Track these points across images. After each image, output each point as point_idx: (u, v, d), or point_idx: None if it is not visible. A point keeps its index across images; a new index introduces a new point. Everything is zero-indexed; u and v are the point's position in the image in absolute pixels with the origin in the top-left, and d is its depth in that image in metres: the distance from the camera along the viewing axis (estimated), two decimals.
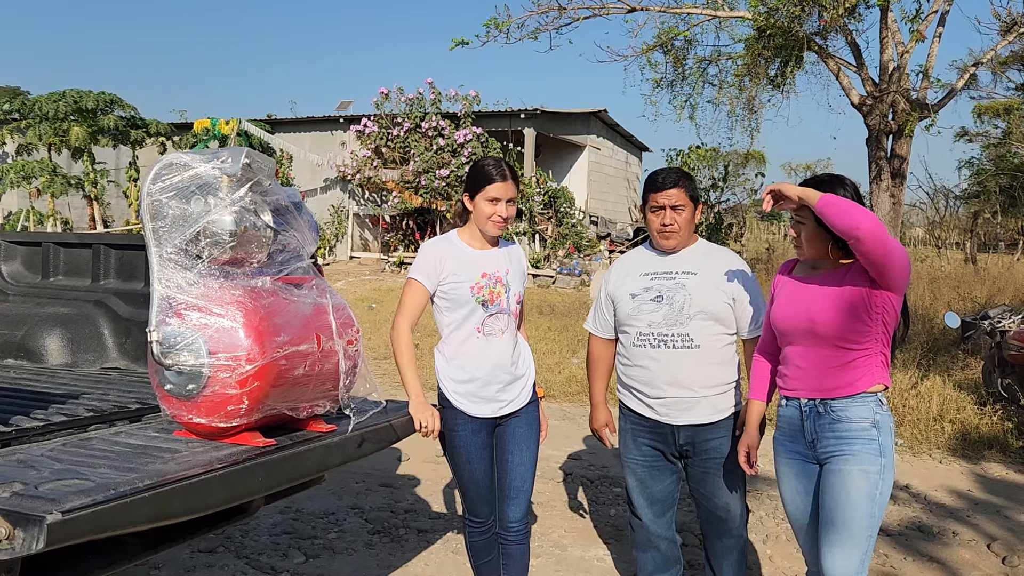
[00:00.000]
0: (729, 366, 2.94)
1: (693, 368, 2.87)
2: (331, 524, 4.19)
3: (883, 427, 2.51)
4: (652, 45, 17.78)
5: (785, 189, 2.48)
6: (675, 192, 2.85)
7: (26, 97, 22.21)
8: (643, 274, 2.95)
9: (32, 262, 3.74)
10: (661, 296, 2.88)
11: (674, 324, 2.86)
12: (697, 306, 2.85)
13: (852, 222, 2.32)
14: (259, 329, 2.04)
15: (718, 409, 2.91)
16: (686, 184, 2.88)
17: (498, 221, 2.86)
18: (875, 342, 2.50)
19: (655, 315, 2.88)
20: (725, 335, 2.90)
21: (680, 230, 2.88)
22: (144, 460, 1.93)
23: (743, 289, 2.90)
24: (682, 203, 2.87)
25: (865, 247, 2.34)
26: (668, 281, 2.90)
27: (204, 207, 2.05)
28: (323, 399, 2.27)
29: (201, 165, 2.04)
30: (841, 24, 15.69)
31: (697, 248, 2.99)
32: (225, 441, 2.11)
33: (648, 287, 2.92)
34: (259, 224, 2.12)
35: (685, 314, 2.85)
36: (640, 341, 2.92)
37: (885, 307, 2.48)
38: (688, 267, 2.91)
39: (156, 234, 2.05)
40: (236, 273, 2.11)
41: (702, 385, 2.88)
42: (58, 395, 2.65)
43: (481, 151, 18.56)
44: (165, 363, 2.01)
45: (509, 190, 2.85)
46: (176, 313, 2.03)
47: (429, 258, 2.86)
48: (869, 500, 2.46)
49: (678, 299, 2.86)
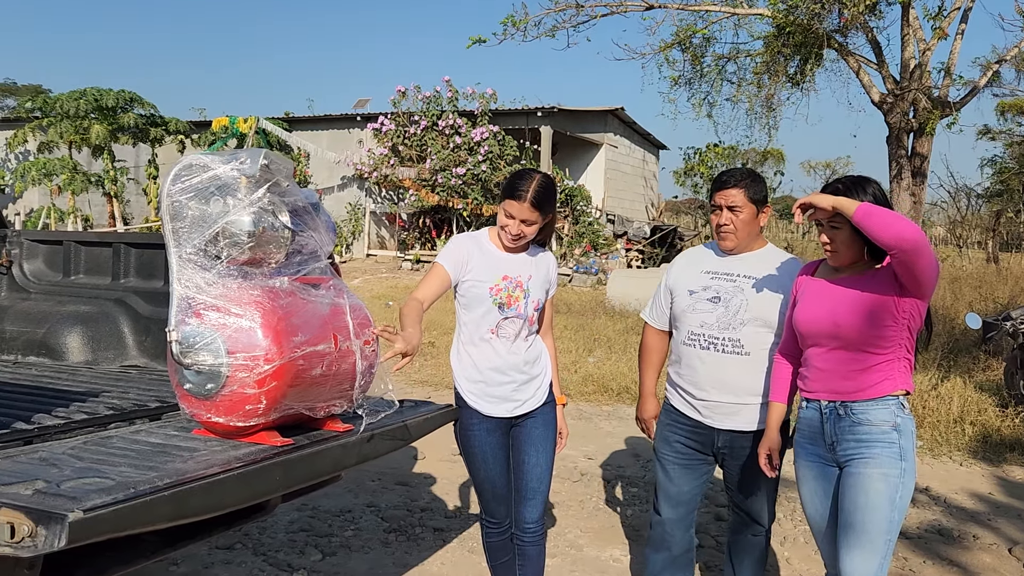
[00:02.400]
0: (767, 375, 2.85)
1: (741, 374, 2.83)
2: (347, 522, 4.21)
3: (904, 431, 2.49)
4: (670, 43, 17.72)
5: (817, 200, 2.45)
6: (734, 192, 2.81)
7: (48, 95, 22.43)
8: (704, 271, 2.93)
9: (53, 260, 3.78)
10: (719, 297, 2.85)
11: (727, 328, 2.82)
12: (752, 312, 2.79)
13: (897, 234, 2.29)
14: (277, 329, 2.05)
15: (763, 418, 2.83)
16: (748, 185, 2.82)
17: (507, 236, 2.84)
18: (899, 347, 2.49)
19: (709, 316, 2.85)
20: (771, 343, 2.83)
21: (736, 231, 2.83)
22: (164, 459, 1.95)
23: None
24: (740, 204, 2.82)
25: (909, 258, 2.32)
26: (728, 283, 2.86)
27: (223, 208, 2.07)
28: (340, 399, 2.28)
29: (220, 166, 2.06)
30: (862, 21, 15.57)
31: (763, 252, 2.92)
32: (243, 440, 2.12)
33: (707, 286, 2.89)
34: (277, 225, 2.13)
35: (739, 319, 2.81)
36: (691, 340, 2.90)
37: (912, 313, 2.46)
38: (750, 271, 2.86)
39: (176, 235, 2.07)
40: (254, 273, 2.13)
41: (748, 392, 2.84)
42: (79, 393, 2.68)
43: (498, 149, 18.58)
44: (184, 363, 2.03)
45: (524, 212, 2.78)
46: (195, 313, 2.04)
47: (458, 250, 2.86)
48: (889, 504, 2.44)
49: (735, 302, 2.82)
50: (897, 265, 2.37)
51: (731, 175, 2.86)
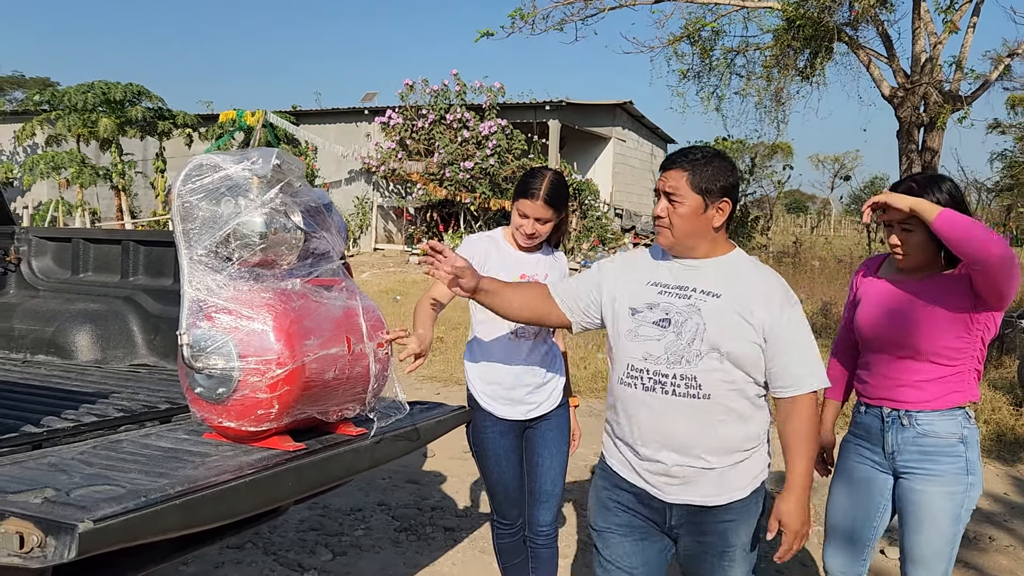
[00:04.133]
0: (751, 426, 2.16)
1: (697, 425, 2.12)
2: (358, 521, 4.18)
3: (971, 442, 2.42)
4: (679, 36, 17.61)
5: (894, 200, 2.31)
6: (673, 176, 2.13)
7: (56, 88, 22.45)
8: (652, 283, 2.20)
9: (62, 258, 3.75)
10: (668, 319, 2.12)
11: (678, 361, 2.10)
12: (712, 340, 2.08)
13: (981, 248, 2.19)
14: (289, 332, 2.01)
15: (731, 487, 2.16)
16: (693, 169, 2.10)
17: (522, 235, 2.82)
18: (971, 358, 2.40)
19: (655, 345, 2.12)
20: (750, 384, 2.13)
21: (671, 227, 2.14)
22: (174, 464, 1.91)
23: (782, 328, 2.10)
24: (679, 192, 2.10)
25: (992, 273, 2.23)
26: (680, 300, 2.14)
27: (234, 209, 2.03)
28: (353, 402, 2.24)
29: (231, 166, 2.02)
30: (872, 15, 15.45)
31: (728, 261, 2.19)
32: (255, 445, 2.09)
33: (654, 303, 2.16)
34: (289, 226, 2.10)
35: (694, 350, 2.09)
36: (631, 379, 2.16)
37: (987, 324, 2.38)
38: (711, 284, 2.14)
39: (186, 236, 2.03)
40: (266, 275, 2.09)
41: (709, 451, 2.13)
42: (88, 394, 2.65)
43: (506, 143, 18.51)
44: (195, 366, 2.00)
45: (538, 210, 2.76)
46: (206, 316, 2.01)
47: (475, 249, 2.83)
48: (954, 521, 2.40)
49: (689, 327, 2.10)
50: (980, 279, 2.27)
51: (678, 154, 2.18)
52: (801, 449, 2.14)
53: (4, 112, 24.61)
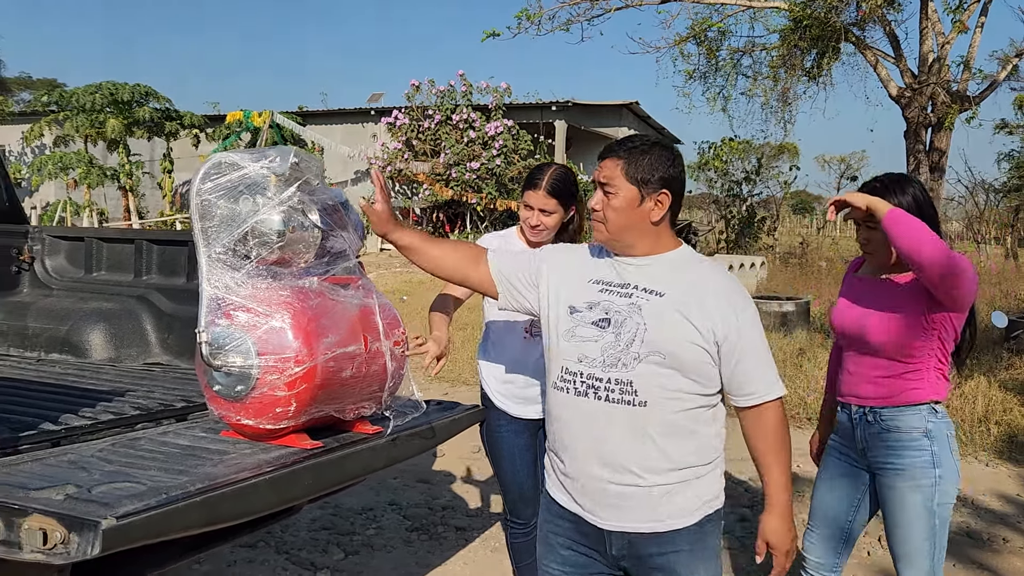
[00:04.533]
0: (697, 441, 1.94)
1: (632, 437, 1.90)
2: (369, 520, 4.19)
3: (937, 436, 2.42)
4: (685, 36, 17.62)
5: (852, 199, 2.35)
6: (608, 165, 1.97)
7: (64, 89, 22.53)
8: (594, 280, 2.02)
9: (75, 257, 3.76)
10: (608, 319, 1.94)
11: (614, 364, 1.91)
12: (651, 343, 1.89)
13: (914, 246, 2.20)
14: (307, 330, 2.01)
15: (673, 511, 1.92)
16: (629, 158, 1.94)
17: (529, 228, 2.82)
18: (929, 357, 2.42)
19: (592, 347, 1.94)
20: (695, 395, 1.92)
21: (605, 221, 1.97)
22: (193, 462, 1.92)
23: (737, 330, 1.91)
24: (613, 183, 1.94)
25: (923, 273, 2.25)
26: (622, 299, 1.96)
27: (252, 207, 2.03)
28: (369, 401, 2.25)
29: (250, 164, 2.02)
30: (879, 15, 15.43)
31: (674, 258, 2.00)
32: (272, 443, 2.09)
33: (594, 303, 1.98)
34: (307, 224, 2.10)
35: (632, 352, 1.90)
36: (564, 383, 1.98)
37: (944, 324, 2.39)
38: (654, 282, 1.96)
39: (205, 234, 2.03)
40: (283, 274, 2.09)
41: (644, 466, 1.91)
42: (104, 392, 2.66)
43: (512, 143, 18.53)
44: (214, 364, 2.00)
45: (541, 200, 2.76)
46: (225, 314, 2.01)
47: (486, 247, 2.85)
48: (926, 513, 2.40)
49: (628, 328, 1.91)
50: (919, 277, 2.29)
51: (616, 143, 2.00)
52: (775, 461, 1.96)
53: (12, 113, 24.72)
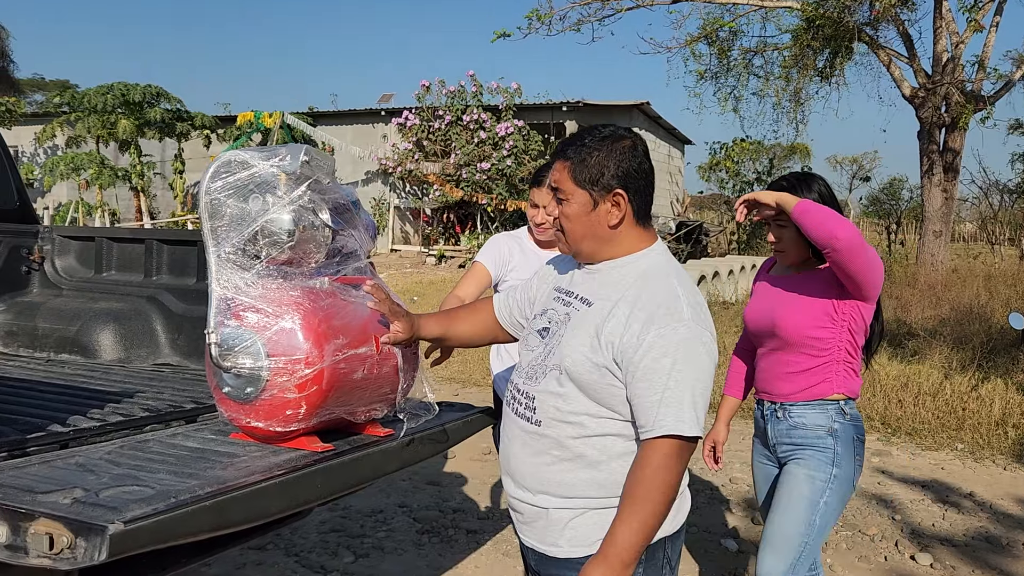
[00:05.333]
0: (598, 474, 1.73)
1: (529, 456, 1.80)
2: (379, 523, 4.16)
3: (842, 436, 2.44)
4: (696, 36, 17.56)
5: (761, 196, 2.39)
6: (556, 169, 1.81)
7: (76, 90, 22.62)
8: (555, 288, 1.94)
9: (85, 257, 3.74)
10: (548, 329, 1.85)
11: (532, 377, 1.83)
12: (557, 356, 1.77)
13: (828, 231, 2.24)
14: (318, 332, 1.98)
15: (574, 539, 1.76)
16: (574, 159, 1.76)
17: (536, 227, 2.78)
18: (839, 350, 2.45)
19: (527, 358, 1.89)
20: (602, 420, 1.73)
21: (564, 231, 1.82)
22: (203, 465, 1.89)
23: (638, 347, 1.66)
24: (563, 188, 1.78)
25: (840, 257, 2.26)
26: (563, 307, 1.85)
27: (262, 206, 2.00)
28: (381, 403, 2.21)
29: (259, 163, 1.99)
30: (893, 14, 15.33)
31: (623, 263, 1.80)
32: (282, 445, 2.06)
33: (545, 310, 1.91)
34: (317, 223, 2.06)
35: (545, 365, 1.80)
36: (509, 389, 1.94)
37: (853, 315, 2.41)
38: (590, 290, 1.81)
39: (214, 233, 2.00)
40: (294, 274, 2.06)
41: (539, 488, 1.79)
42: (113, 393, 2.63)
43: (522, 144, 18.50)
44: (223, 366, 1.97)
45: (547, 198, 2.70)
46: (234, 315, 1.98)
47: (499, 248, 2.84)
48: (810, 506, 2.40)
49: (555, 339, 1.81)
50: (833, 265, 2.31)
51: (565, 141, 1.84)
52: (630, 509, 1.64)
53: (25, 114, 24.83)
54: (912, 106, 15.56)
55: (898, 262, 16.48)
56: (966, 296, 11.15)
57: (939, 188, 15.35)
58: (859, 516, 4.47)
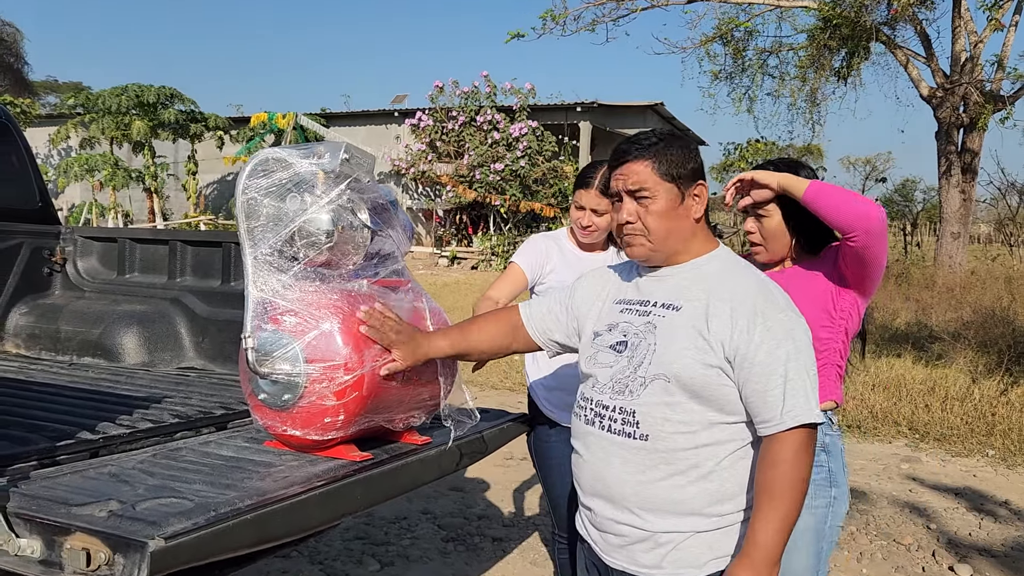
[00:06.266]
0: (711, 484, 1.69)
1: (633, 473, 1.71)
2: (404, 530, 4.08)
3: (832, 451, 2.19)
4: (711, 36, 17.47)
5: (760, 176, 2.12)
6: (637, 169, 1.75)
7: (90, 92, 22.67)
8: (618, 301, 1.87)
9: (108, 258, 3.68)
10: (625, 342, 1.77)
11: (621, 391, 1.74)
12: (659, 364, 1.70)
13: (859, 211, 1.99)
14: (357, 336, 1.90)
15: (679, 561, 1.70)
16: (653, 155, 1.75)
17: (580, 229, 2.70)
18: (832, 352, 2.19)
19: (605, 372, 1.79)
20: (713, 425, 1.69)
21: (648, 232, 1.75)
22: (240, 475, 1.81)
23: (749, 343, 1.66)
24: (647, 186, 1.74)
25: (869, 240, 2.01)
26: (640, 318, 1.78)
27: (300, 205, 1.93)
28: (419, 409, 2.13)
29: (298, 161, 1.92)
30: (911, 13, 15.19)
31: (701, 264, 1.79)
32: (320, 454, 1.98)
33: (614, 324, 1.82)
34: (356, 224, 1.99)
35: (639, 377, 1.72)
36: (579, 408, 1.86)
37: (850, 313, 2.17)
38: (673, 295, 1.76)
39: (251, 234, 1.93)
40: (332, 276, 1.99)
41: (645, 507, 1.71)
42: (140, 398, 2.57)
43: (536, 145, 18.42)
44: (260, 371, 1.89)
45: (593, 200, 2.63)
46: (271, 318, 1.90)
47: (536, 249, 2.75)
48: (815, 537, 2.14)
49: (640, 350, 1.74)
50: (850, 252, 2.05)
51: (627, 144, 1.79)
52: (770, 507, 1.62)
53: (39, 116, 24.91)
54: (930, 106, 15.42)
55: (915, 264, 16.31)
56: (987, 298, 11.01)
57: (957, 189, 15.21)
58: (892, 525, 4.37)
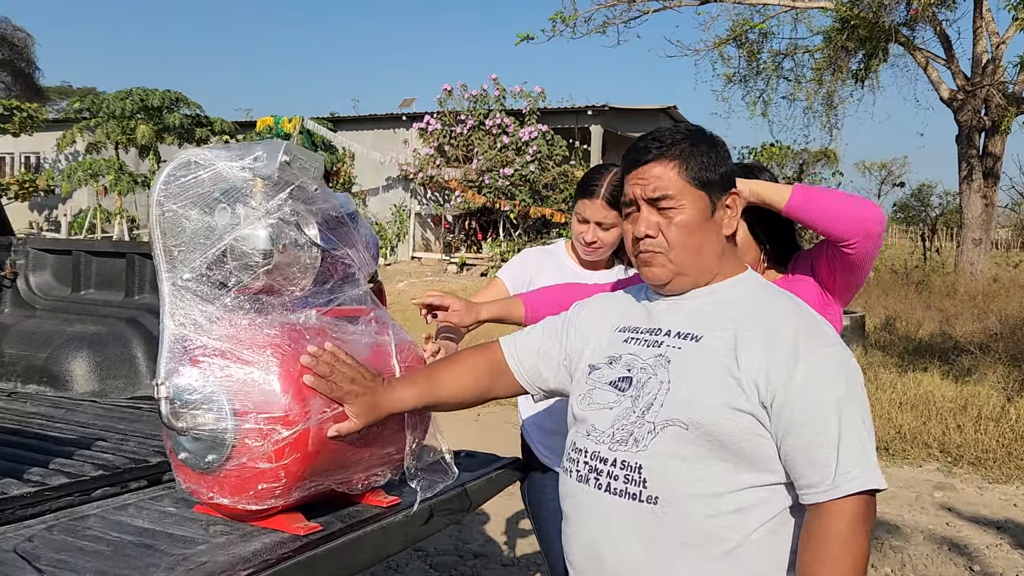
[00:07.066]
0: (732, 559, 1.34)
1: (640, 547, 1.37)
2: (392, 570, 3.71)
3: None
4: (725, 38, 17.13)
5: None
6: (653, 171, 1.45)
7: (95, 96, 22.47)
8: (621, 328, 1.55)
9: (62, 273, 3.33)
10: (629, 378, 1.45)
11: (624, 440, 1.40)
12: (673, 406, 1.37)
13: (860, 214, 1.73)
14: (301, 381, 1.53)
15: None
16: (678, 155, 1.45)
17: (581, 245, 2.32)
18: None
19: (604, 416, 1.45)
20: (740, 489, 1.35)
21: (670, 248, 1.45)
22: (146, 560, 1.44)
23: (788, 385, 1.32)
24: (671, 193, 1.44)
25: (869, 245, 1.76)
26: (649, 349, 1.46)
27: (231, 219, 1.56)
28: (384, 466, 1.76)
29: (225, 163, 1.55)
30: (931, 14, 14.79)
31: (729, 287, 1.49)
32: (258, 524, 1.61)
33: (616, 356, 1.50)
34: (302, 241, 1.62)
35: (647, 423, 1.38)
36: (569, 461, 1.51)
37: (837, 323, 1.89)
38: (691, 323, 1.44)
39: (168, 255, 1.56)
40: (272, 305, 1.61)
41: None
42: (67, 442, 2.20)
43: (546, 149, 18.05)
44: (176, 426, 1.53)
45: (599, 212, 2.25)
46: (192, 360, 1.54)
47: (524, 264, 2.36)
48: None
49: (649, 389, 1.41)
50: (843, 260, 1.79)
51: (647, 141, 1.49)
52: None
53: (47, 120, 24.74)
54: (950, 109, 15.01)
55: (935, 271, 15.86)
56: (1012, 307, 10.57)
57: (978, 194, 14.79)
58: (931, 565, 3.96)
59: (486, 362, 1.69)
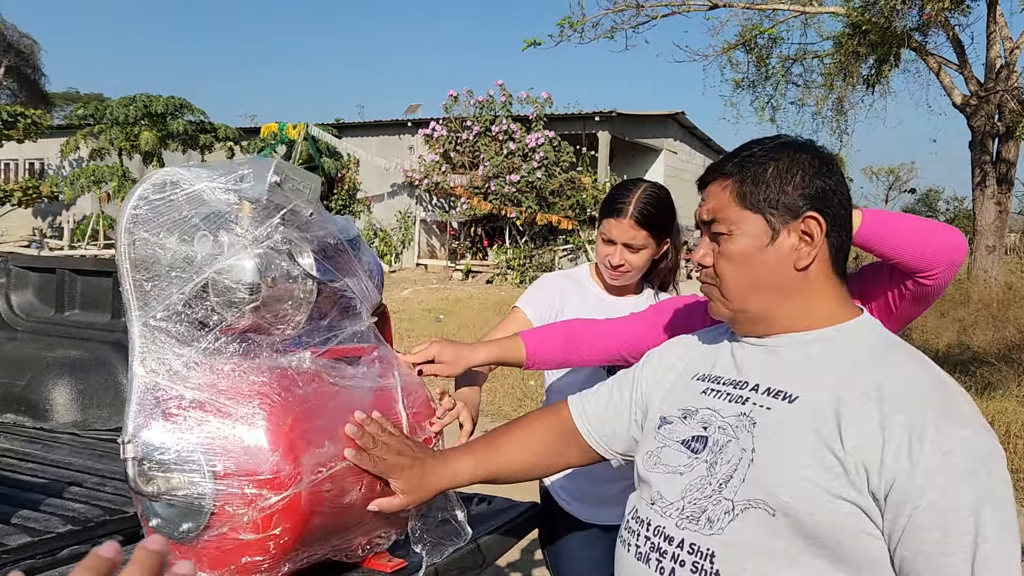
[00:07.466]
0: None
1: None
2: None
3: None
4: (734, 43, 16.97)
5: None
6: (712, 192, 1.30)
7: (99, 103, 22.36)
8: (700, 376, 1.33)
9: (46, 292, 3.13)
10: (705, 438, 1.23)
11: (696, 517, 1.17)
12: (756, 483, 1.13)
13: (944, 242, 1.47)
14: (291, 437, 1.32)
15: None
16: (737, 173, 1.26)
17: (606, 269, 2.10)
18: None
19: (673, 483, 1.23)
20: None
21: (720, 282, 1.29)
22: None
23: (919, 480, 1.04)
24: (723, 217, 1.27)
25: (951, 275, 1.51)
26: (731, 405, 1.23)
27: (213, 248, 1.34)
28: (388, 527, 1.54)
29: (206, 183, 1.33)
30: (943, 19, 14.60)
31: (835, 336, 1.22)
32: None
33: (691, 410, 1.28)
34: (295, 272, 1.40)
35: (724, 500, 1.15)
36: (628, 532, 1.29)
37: None
38: (785, 379, 1.20)
39: (139, 290, 1.34)
40: (259, 347, 1.40)
41: None
42: (37, 488, 1.99)
43: (553, 155, 17.86)
44: (145, 490, 1.31)
45: (626, 232, 2.05)
46: (166, 413, 1.32)
47: (544, 292, 2.14)
48: None
49: (728, 455, 1.18)
50: (918, 290, 1.51)
51: (725, 156, 1.33)
52: None
53: (51, 126, 24.64)
54: (964, 115, 14.83)
55: None
56: None
57: (992, 201, 14.59)
58: None
59: (556, 424, 1.47)
